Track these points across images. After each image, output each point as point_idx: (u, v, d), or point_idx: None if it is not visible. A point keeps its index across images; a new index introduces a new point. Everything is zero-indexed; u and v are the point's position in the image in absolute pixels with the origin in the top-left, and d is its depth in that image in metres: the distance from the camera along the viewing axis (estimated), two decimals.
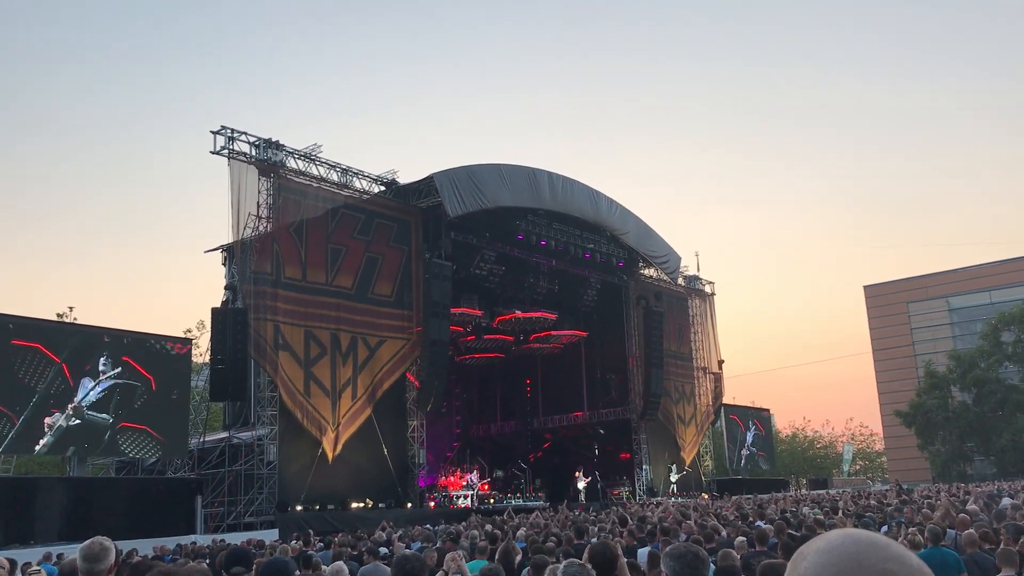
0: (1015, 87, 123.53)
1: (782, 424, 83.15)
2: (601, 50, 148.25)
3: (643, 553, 8.39)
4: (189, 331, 39.36)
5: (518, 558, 8.32)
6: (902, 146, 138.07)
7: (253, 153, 26.62)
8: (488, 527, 15.36)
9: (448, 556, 7.19)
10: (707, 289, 47.91)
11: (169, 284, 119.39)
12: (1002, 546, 7.33)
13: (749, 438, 50.91)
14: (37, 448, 22.34)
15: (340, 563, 6.90)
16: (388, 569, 6.34)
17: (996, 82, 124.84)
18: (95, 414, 22.94)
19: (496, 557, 8.00)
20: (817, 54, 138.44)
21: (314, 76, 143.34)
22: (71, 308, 38.56)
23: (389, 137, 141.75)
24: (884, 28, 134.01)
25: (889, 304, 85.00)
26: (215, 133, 25.83)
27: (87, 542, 3.93)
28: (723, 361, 47.44)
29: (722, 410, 47.42)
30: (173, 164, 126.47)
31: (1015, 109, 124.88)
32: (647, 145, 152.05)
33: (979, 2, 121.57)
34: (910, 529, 8.20)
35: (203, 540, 19.32)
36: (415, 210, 30.97)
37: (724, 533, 10.95)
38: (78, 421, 22.60)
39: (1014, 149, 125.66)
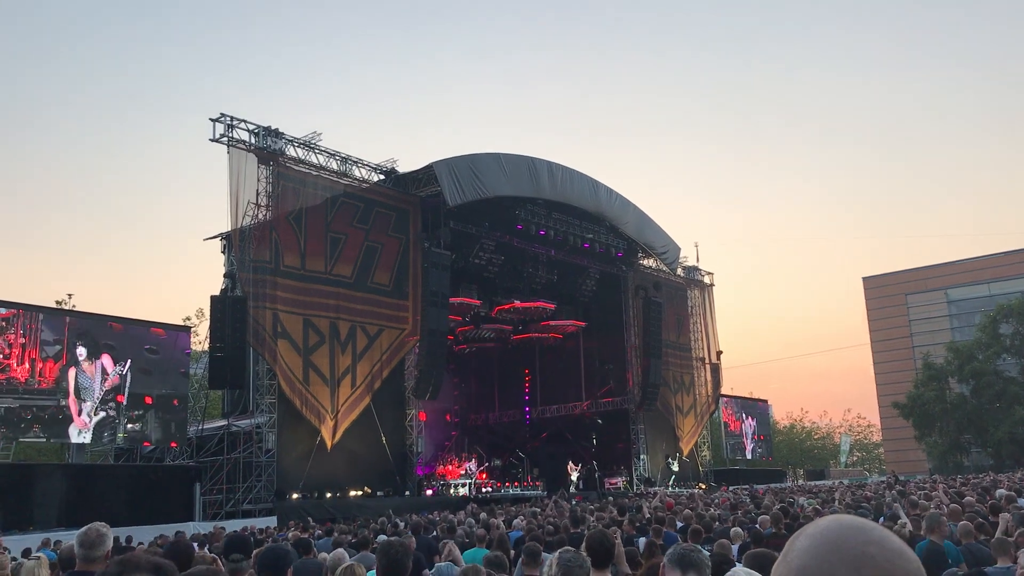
0: (1015, 80, 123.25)
1: (780, 415, 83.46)
2: (602, 45, 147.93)
3: (641, 543, 8.43)
4: (188, 319, 39.50)
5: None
6: (902, 138, 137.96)
7: (252, 141, 26.55)
8: (483, 515, 15.44)
9: (445, 544, 7.24)
10: (706, 280, 47.87)
11: (168, 272, 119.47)
12: (996, 535, 7.34)
13: (749, 429, 51.11)
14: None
15: (341, 550, 6.93)
16: (374, 557, 6.37)
17: (996, 74, 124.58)
18: (102, 402, 23.02)
19: (493, 545, 8.06)
20: (818, 52, 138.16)
21: (314, 64, 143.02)
22: (70, 295, 38.55)
23: (389, 126, 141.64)
24: (882, 25, 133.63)
25: (888, 296, 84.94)
26: (214, 121, 25.76)
27: (84, 528, 3.95)
28: (722, 352, 47.46)
29: (720, 400, 47.53)
30: (172, 151, 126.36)
31: (1015, 103, 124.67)
32: (647, 138, 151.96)
33: (976, 1, 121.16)
34: (899, 520, 8.23)
35: (203, 527, 19.37)
36: (414, 199, 30.92)
37: (719, 523, 11.00)
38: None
39: (1014, 142, 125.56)
